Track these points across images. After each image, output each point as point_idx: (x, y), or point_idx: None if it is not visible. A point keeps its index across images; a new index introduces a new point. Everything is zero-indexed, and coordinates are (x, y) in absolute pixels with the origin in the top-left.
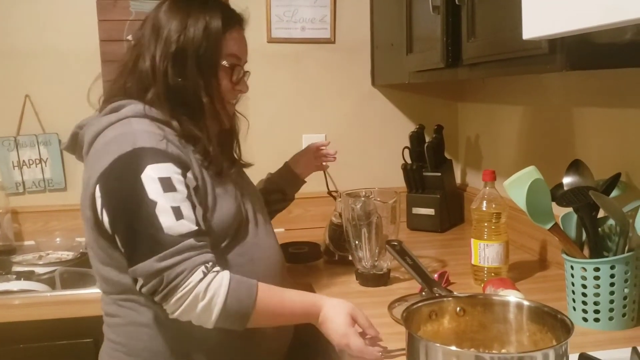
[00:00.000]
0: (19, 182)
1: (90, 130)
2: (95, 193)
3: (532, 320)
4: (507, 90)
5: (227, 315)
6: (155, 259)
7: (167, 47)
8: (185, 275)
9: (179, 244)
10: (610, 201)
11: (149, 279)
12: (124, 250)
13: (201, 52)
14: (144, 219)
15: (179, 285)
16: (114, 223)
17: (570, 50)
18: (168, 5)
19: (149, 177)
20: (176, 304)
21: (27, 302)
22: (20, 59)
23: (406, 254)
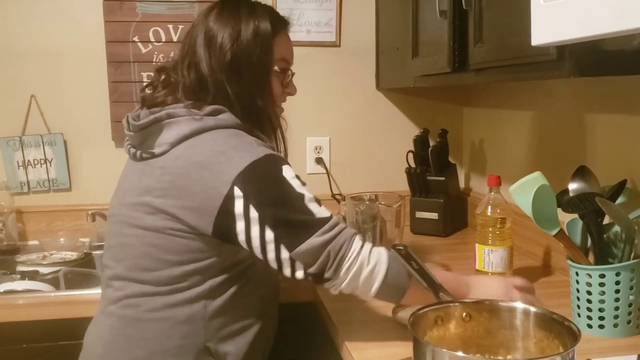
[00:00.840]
0: (24, 182)
1: (190, 124)
2: (232, 193)
3: (539, 327)
4: (512, 96)
5: (387, 284)
6: (316, 235)
7: (222, 55)
8: (348, 244)
9: (330, 221)
10: (616, 208)
11: (315, 255)
12: (279, 240)
13: (255, 58)
14: (298, 209)
15: (345, 255)
16: (266, 217)
17: (578, 56)
18: (217, 13)
19: (289, 176)
20: (346, 273)
21: (31, 302)
22: (26, 59)
23: (412, 259)
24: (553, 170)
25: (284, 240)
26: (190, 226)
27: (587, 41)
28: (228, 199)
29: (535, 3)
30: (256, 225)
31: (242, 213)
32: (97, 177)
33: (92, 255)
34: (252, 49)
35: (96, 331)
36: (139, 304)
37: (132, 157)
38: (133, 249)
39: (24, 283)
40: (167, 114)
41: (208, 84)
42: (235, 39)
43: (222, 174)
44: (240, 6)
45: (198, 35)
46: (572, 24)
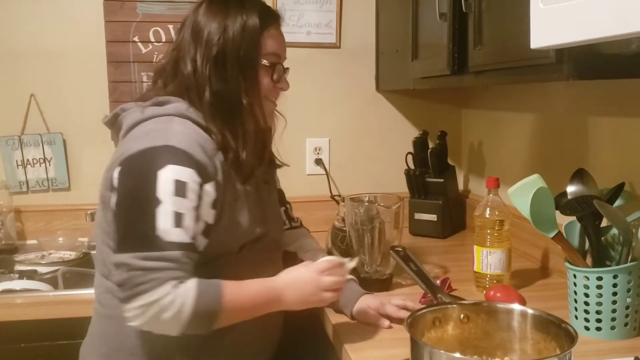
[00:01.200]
0: (23, 181)
1: (131, 116)
2: (113, 174)
3: (536, 329)
4: (511, 98)
5: (195, 322)
6: (137, 255)
7: (208, 50)
8: (151, 287)
9: (166, 251)
10: (614, 210)
11: (121, 271)
12: (116, 235)
13: (241, 53)
14: (143, 213)
15: (143, 292)
16: (118, 207)
17: (577, 60)
18: (206, 7)
19: (166, 176)
20: (138, 310)
21: (29, 302)
22: (26, 58)
23: (410, 260)
24: (551, 172)
25: (117, 238)
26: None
27: (586, 44)
28: (111, 180)
29: (535, 6)
30: (110, 212)
31: (110, 195)
32: (96, 177)
33: (90, 254)
34: (239, 43)
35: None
36: (104, 299)
37: None
38: (98, 246)
39: (22, 282)
40: (121, 108)
41: (192, 78)
42: (221, 32)
43: (119, 156)
44: (230, 1)
45: (186, 29)
46: (571, 27)
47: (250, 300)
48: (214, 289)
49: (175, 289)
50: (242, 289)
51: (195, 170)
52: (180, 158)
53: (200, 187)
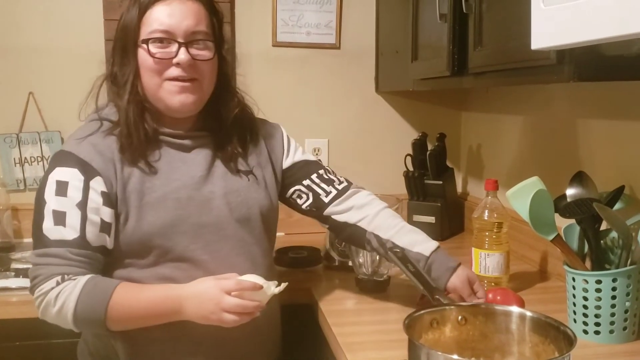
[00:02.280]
0: (20, 179)
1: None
2: None
3: (535, 332)
4: (510, 100)
5: (80, 320)
6: (34, 252)
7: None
8: (40, 281)
9: (50, 247)
10: (613, 214)
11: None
12: None
13: (122, 40)
14: (36, 215)
15: (35, 286)
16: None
17: (578, 61)
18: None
19: (52, 178)
20: (35, 301)
21: (25, 300)
22: (24, 56)
23: (408, 261)
24: (551, 175)
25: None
26: None
27: (587, 46)
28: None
29: (536, 7)
30: None
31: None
32: None
33: None
34: (121, 31)
35: None
36: None
37: None
38: None
39: (18, 280)
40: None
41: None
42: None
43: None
44: None
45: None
46: (572, 28)
47: (144, 306)
48: (103, 290)
49: (59, 285)
50: (137, 294)
51: (78, 169)
52: (66, 160)
53: (84, 183)
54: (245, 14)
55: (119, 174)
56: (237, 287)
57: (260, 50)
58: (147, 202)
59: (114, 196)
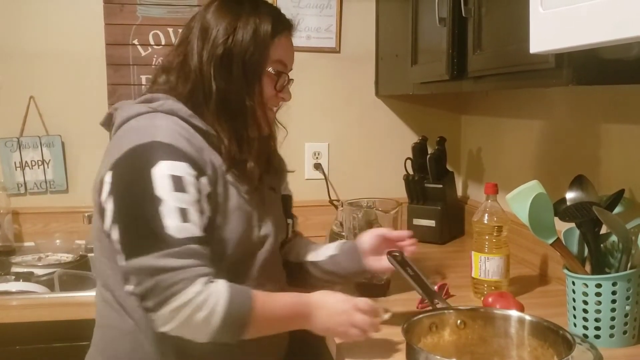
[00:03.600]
0: (21, 183)
1: (120, 114)
2: (104, 178)
3: (534, 336)
4: (510, 104)
5: (225, 328)
6: (156, 255)
7: (214, 48)
8: (185, 285)
9: (183, 246)
10: (613, 217)
11: (144, 277)
12: (120, 243)
13: (247, 56)
14: (147, 214)
15: (175, 295)
16: (117, 213)
17: (577, 65)
18: (217, 6)
19: (161, 173)
20: (171, 314)
21: (25, 304)
22: (26, 60)
23: (407, 265)
24: (550, 178)
25: (122, 246)
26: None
27: (585, 49)
28: (102, 183)
29: (534, 11)
30: (109, 219)
31: (104, 201)
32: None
33: (87, 257)
34: (246, 47)
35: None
36: (101, 309)
37: None
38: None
39: (19, 284)
40: (114, 107)
41: (194, 75)
42: (230, 33)
43: (109, 158)
44: (244, 3)
45: (194, 26)
46: (570, 31)
47: (280, 311)
48: (245, 292)
49: (206, 287)
50: (272, 298)
51: (188, 163)
52: (170, 153)
53: (196, 179)
54: None
55: (210, 173)
56: (368, 308)
57: None
58: (228, 209)
59: (213, 195)
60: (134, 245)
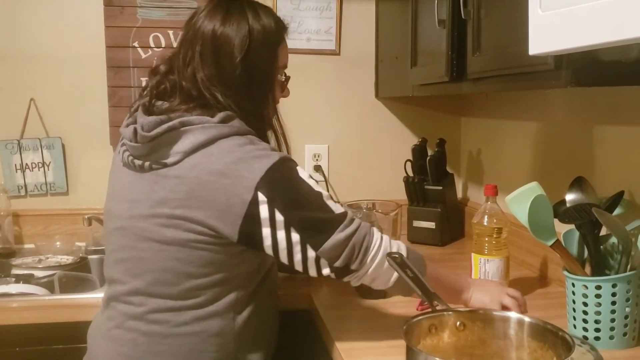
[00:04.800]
0: (21, 185)
1: (205, 132)
2: (257, 199)
3: (533, 337)
4: (510, 106)
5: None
6: (338, 230)
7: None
8: (370, 236)
9: (346, 215)
10: (613, 219)
11: (340, 250)
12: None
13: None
14: (319, 208)
15: (369, 246)
16: (291, 219)
17: (576, 66)
18: (223, 17)
19: (304, 176)
20: (371, 262)
21: (25, 306)
22: (26, 62)
23: (407, 267)
24: (550, 180)
25: (309, 240)
26: (215, 235)
27: (585, 51)
28: (252, 205)
29: (533, 12)
30: (282, 230)
31: (267, 218)
32: (94, 182)
33: (87, 259)
34: (261, 63)
35: (113, 347)
36: (166, 319)
37: (135, 168)
38: (151, 264)
39: (19, 286)
40: (181, 122)
41: (216, 96)
42: (244, 50)
43: (244, 180)
44: (246, 10)
45: (202, 39)
46: (570, 33)
47: (446, 277)
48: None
49: (384, 235)
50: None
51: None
52: (293, 161)
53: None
54: None
55: None
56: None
57: None
58: None
59: None
60: (319, 235)
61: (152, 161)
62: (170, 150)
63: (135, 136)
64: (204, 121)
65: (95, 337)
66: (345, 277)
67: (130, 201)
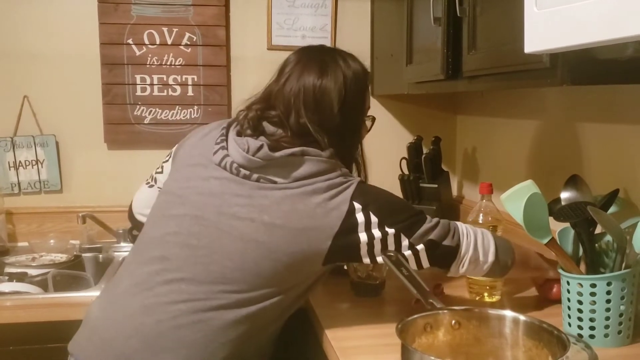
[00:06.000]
0: (15, 183)
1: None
2: (352, 208)
3: (528, 336)
4: (505, 104)
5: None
6: (427, 221)
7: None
8: (454, 224)
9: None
10: (608, 217)
11: (431, 230)
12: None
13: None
14: (405, 209)
15: (457, 229)
16: (384, 220)
17: (572, 65)
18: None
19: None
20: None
21: (19, 304)
22: (19, 59)
23: (402, 265)
24: (545, 178)
25: (404, 232)
26: (306, 247)
27: (580, 49)
28: (349, 214)
29: (529, 10)
30: (376, 228)
31: (364, 221)
32: (88, 179)
33: (82, 257)
34: (354, 110)
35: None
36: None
37: (236, 174)
38: (232, 261)
39: (12, 285)
40: (302, 151)
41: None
42: (341, 102)
43: (340, 195)
44: (338, 60)
45: (304, 88)
46: (565, 31)
47: (527, 254)
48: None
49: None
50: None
51: None
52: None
53: None
54: (240, 18)
55: None
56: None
57: (255, 53)
58: None
59: None
60: (412, 227)
61: (261, 175)
62: (284, 171)
63: (257, 151)
64: (318, 154)
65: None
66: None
67: (219, 197)
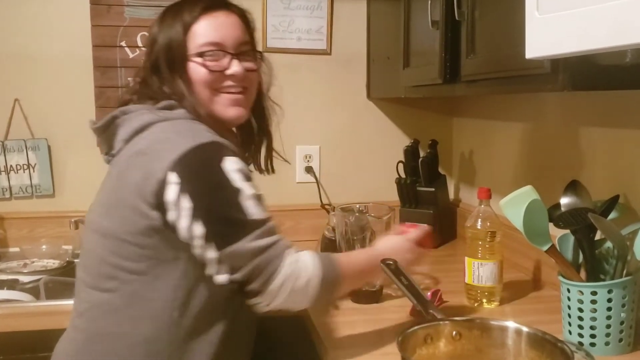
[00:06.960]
0: (6, 188)
1: (141, 118)
2: (167, 179)
3: (531, 347)
4: (503, 107)
5: (325, 284)
6: (247, 239)
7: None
8: (280, 259)
9: (266, 225)
10: (608, 224)
11: (242, 262)
12: (207, 237)
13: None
14: (231, 205)
15: (277, 270)
16: (198, 209)
17: (573, 70)
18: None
19: (230, 167)
20: (279, 289)
21: (9, 313)
22: (10, 62)
23: (401, 274)
24: (544, 183)
25: (213, 238)
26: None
27: (580, 55)
28: (162, 184)
29: (530, 15)
30: (186, 218)
31: (173, 201)
32: (81, 184)
33: (74, 263)
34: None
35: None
36: (103, 317)
37: (106, 162)
38: (94, 256)
39: (3, 292)
40: (121, 111)
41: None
42: (154, 40)
43: (161, 159)
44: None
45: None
46: (568, 37)
47: (363, 260)
48: (327, 255)
49: (296, 256)
50: (350, 256)
51: (238, 157)
52: (227, 150)
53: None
54: None
55: None
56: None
57: None
58: None
59: None
60: (224, 235)
61: (108, 153)
62: (115, 140)
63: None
64: (141, 107)
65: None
66: (244, 294)
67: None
